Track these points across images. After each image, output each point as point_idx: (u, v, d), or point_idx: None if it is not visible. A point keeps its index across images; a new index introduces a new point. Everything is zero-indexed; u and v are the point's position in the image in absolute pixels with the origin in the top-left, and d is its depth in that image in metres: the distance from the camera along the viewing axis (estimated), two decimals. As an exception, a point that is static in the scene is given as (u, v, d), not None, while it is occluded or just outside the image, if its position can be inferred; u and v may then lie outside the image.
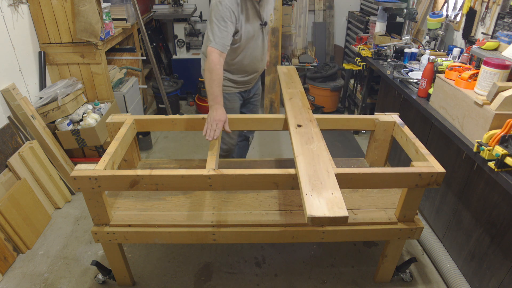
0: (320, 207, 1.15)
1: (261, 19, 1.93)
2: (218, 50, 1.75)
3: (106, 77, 2.81)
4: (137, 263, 2.08)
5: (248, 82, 2.17)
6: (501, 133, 1.47)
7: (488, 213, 1.72)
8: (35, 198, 2.30)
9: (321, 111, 4.00)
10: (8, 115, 2.33)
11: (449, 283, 1.90)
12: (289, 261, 2.11)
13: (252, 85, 2.25)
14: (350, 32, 4.42)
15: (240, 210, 1.76)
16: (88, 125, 2.60)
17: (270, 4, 2.00)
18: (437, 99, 2.02)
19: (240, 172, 1.44)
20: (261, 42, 2.02)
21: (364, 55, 3.09)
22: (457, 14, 2.71)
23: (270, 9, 2.01)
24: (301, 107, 1.83)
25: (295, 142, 1.53)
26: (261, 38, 2.00)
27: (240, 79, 2.12)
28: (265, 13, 1.95)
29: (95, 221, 1.64)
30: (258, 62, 2.09)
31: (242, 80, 2.13)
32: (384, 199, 1.84)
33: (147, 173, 1.44)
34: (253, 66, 2.09)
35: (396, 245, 1.76)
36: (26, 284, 1.95)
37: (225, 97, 2.12)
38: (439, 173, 1.46)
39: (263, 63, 2.16)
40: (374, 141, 2.01)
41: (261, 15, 1.92)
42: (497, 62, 1.63)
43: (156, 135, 3.59)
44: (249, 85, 2.21)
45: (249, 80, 2.17)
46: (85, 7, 2.46)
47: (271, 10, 2.03)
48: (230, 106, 2.16)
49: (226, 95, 2.12)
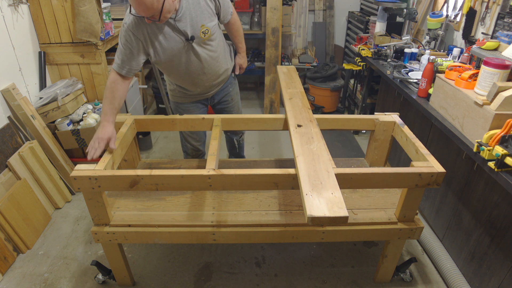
0: (320, 207, 1.15)
1: (184, 35, 1.75)
2: (115, 70, 1.75)
3: (106, 77, 2.81)
4: (137, 263, 2.08)
5: (202, 93, 2.09)
6: (501, 133, 1.47)
7: (488, 213, 1.72)
8: (35, 198, 2.30)
9: (321, 111, 4.00)
10: (8, 115, 2.33)
11: (449, 283, 1.90)
12: (289, 261, 2.11)
13: (212, 94, 2.14)
14: (350, 32, 4.42)
15: (240, 210, 1.76)
16: (88, 125, 2.60)
17: (198, 15, 1.75)
18: (437, 99, 2.02)
19: (240, 172, 1.44)
20: (195, 58, 1.85)
21: (364, 55, 3.09)
22: (457, 14, 2.71)
23: (201, 20, 1.75)
24: (301, 107, 1.83)
25: (295, 142, 1.53)
26: (192, 54, 1.83)
27: (191, 92, 2.07)
28: (190, 26, 1.74)
29: (95, 221, 1.64)
30: (202, 76, 1.94)
31: (194, 92, 2.07)
32: (384, 199, 1.84)
33: (147, 173, 1.44)
34: (197, 80, 1.96)
35: (396, 245, 1.76)
36: (26, 284, 1.95)
37: (179, 106, 2.14)
38: (439, 173, 1.46)
39: (211, 75, 1.98)
40: (374, 141, 2.01)
41: (182, 31, 1.74)
42: (497, 62, 1.63)
43: (156, 135, 3.59)
44: (206, 94, 2.12)
45: (203, 92, 2.08)
46: (85, 7, 2.46)
47: (203, 21, 1.77)
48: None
49: (180, 104, 2.14)
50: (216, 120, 1.96)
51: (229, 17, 1.97)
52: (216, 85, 2.10)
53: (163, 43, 1.75)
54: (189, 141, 2.26)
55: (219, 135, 1.85)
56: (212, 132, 1.86)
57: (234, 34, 2.11)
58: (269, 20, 3.67)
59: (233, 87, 2.24)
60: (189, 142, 2.27)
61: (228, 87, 2.19)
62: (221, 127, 1.93)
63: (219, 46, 1.95)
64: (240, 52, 2.20)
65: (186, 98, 2.11)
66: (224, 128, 1.99)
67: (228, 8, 1.93)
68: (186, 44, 1.79)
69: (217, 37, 1.90)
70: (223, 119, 1.97)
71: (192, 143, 2.27)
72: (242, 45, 2.18)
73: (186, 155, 2.38)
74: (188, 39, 1.77)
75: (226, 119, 1.97)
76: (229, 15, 1.97)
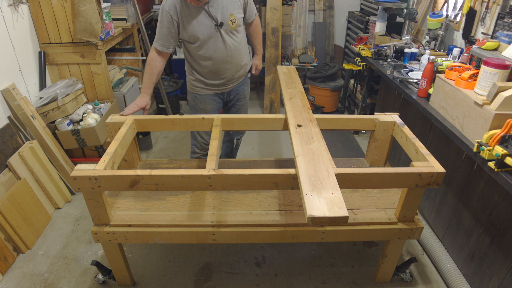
0: (320, 207, 1.15)
1: (215, 20, 1.93)
2: (156, 48, 1.99)
3: (106, 77, 2.81)
4: (137, 263, 2.08)
5: (222, 85, 2.19)
6: (501, 133, 1.47)
7: (488, 213, 1.72)
8: (35, 198, 2.30)
9: (321, 111, 4.00)
10: (8, 115, 2.33)
11: (449, 283, 1.90)
12: (289, 261, 2.11)
13: (229, 88, 2.24)
14: (350, 32, 4.42)
15: (240, 210, 1.76)
16: (88, 125, 2.60)
17: (229, 5, 1.96)
18: (437, 99, 2.02)
19: (240, 172, 1.44)
20: (222, 44, 2.01)
21: (364, 55, 3.09)
22: (457, 14, 2.71)
23: (230, 9, 1.96)
24: (301, 107, 1.83)
25: (295, 142, 1.52)
26: (220, 40, 2.00)
27: (212, 82, 2.15)
28: (220, 13, 1.94)
29: (95, 221, 1.64)
30: (225, 64, 2.08)
31: (215, 83, 2.16)
32: (384, 199, 1.84)
33: (147, 173, 1.44)
34: (220, 68, 2.08)
35: (396, 245, 1.76)
36: (26, 284, 1.95)
37: (197, 97, 2.22)
38: (439, 173, 1.46)
39: (234, 65, 2.13)
40: (374, 141, 2.01)
41: (213, 16, 1.92)
42: (497, 62, 1.63)
43: (156, 135, 3.59)
44: (225, 88, 2.21)
45: (223, 84, 2.18)
46: (85, 7, 2.46)
47: (233, 10, 1.98)
48: (202, 107, 2.24)
49: (198, 95, 2.21)
50: (216, 120, 1.96)
51: (253, 17, 2.21)
52: (235, 79, 2.21)
53: (195, 25, 1.93)
54: (201, 134, 2.30)
55: (219, 135, 1.85)
56: (212, 132, 1.86)
57: (255, 36, 2.33)
58: (269, 20, 3.67)
59: (247, 86, 2.39)
60: (200, 135, 2.31)
61: (244, 85, 2.33)
62: (221, 127, 1.93)
63: (243, 40, 2.15)
64: (257, 54, 2.41)
65: (205, 90, 2.19)
66: (224, 128, 1.99)
67: (253, 9, 2.17)
68: (215, 29, 1.96)
69: (241, 30, 2.12)
70: (223, 119, 1.97)
71: (204, 136, 2.31)
72: (260, 48, 2.40)
73: (195, 149, 2.38)
74: (217, 25, 1.95)
75: (226, 119, 1.97)
76: (254, 15, 2.20)
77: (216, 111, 2.29)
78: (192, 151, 2.42)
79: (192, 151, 2.41)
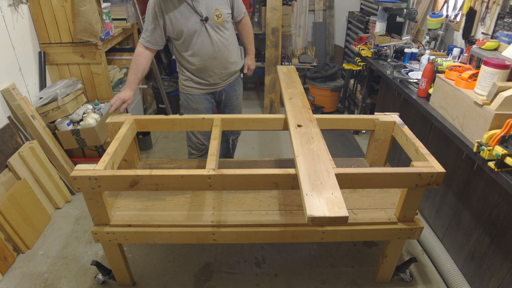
0: (320, 207, 1.15)
1: (200, 14, 1.94)
2: (141, 44, 2.02)
3: (106, 77, 2.81)
4: (137, 263, 2.08)
5: (212, 84, 2.19)
6: (501, 133, 1.47)
7: (488, 213, 1.72)
8: (35, 198, 2.30)
9: (321, 111, 4.00)
10: (8, 115, 2.33)
11: (449, 283, 1.90)
12: (289, 261, 2.11)
13: (220, 88, 2.24)
14: (350, 32, 4.42)
15: (240, 210, 1.76)
16: (88, 125, 2.60)
17: (215, 1, 1.97)
18: (437, 99, 2.02)
19: (240, 172, 1.44)
20: (208, 39, 2.02)
21: (364, 55, 3.09)
22: (457, 14, 2.71)
23: (215, 4, 1.98)
24: (301, 107, 1.83)
25: (295, 142, 1.52)
26: (206, 35, 2.00)
27: (202, 80, 2.16)
28: (205, 8, 1.95)
29: (95, 221, 1.64)
30: (212, 60, 2.08)
31: (205, 82, 2.16)
32: (384, 199, 1.84)
33: (147, 173, 1.44)
34: (207, 64, 2.08)
35: (396, 245, 1.76)
36: (26, 284, 1.95)
37: (189, 97, 2.23)
38: (439, 173, 1.46)
39: (221, 62, 2.12)
40: (374, 141, 2.01)
41: (198, 11, 1.93)
42: (497, 62, 1.63)
43: (156, 135, 3.59)
44: (216, 87, 2.22)
45: (213, 83, 2.18)
46: (85, 7, 2.46)
47: (218, 6, 1.99)
48: (194, 107, 2.24)
49: (190, 95, 2.22)
50: (216, 120, 1.96)
51: (242, 15, 2.19)
52: (224, 77, 2.20)
53: (180, 20, 1.95)
54: (195, 134, 2.30)
55: (219, 135, 1.85)
56: (212, 132, 1.86)
57: (245, 35, 2.31)
58: (269, 20, 3.67)
59: (239, 87, 2.38)
60: (195, 136, 2.31)
61: (236, 85, 2.33)
62: (221, 127, 1.93)
63: (231, 37, 2.14)
64: (249, 54, 2.38)
65: (196, 89, 2.19)
66: (224, 128, 1.99)
67: (241, 7, 2.17)
68: (201, 23, 1.97)
69: (230, 28, 2.12)
70: (223, 119, 1.97)
71: (198, 137, 2.31)
72: (252, 47, 2.37)
73: (191, 150, 2.38)
74: (203, 19, 1.96)
75: (226, 119, 1.97)
76: (242, 13, 2.19)
77: (210, 111, 2.29)
78: (188, 152, 2.41)
79: (189, 152, 2.41)
